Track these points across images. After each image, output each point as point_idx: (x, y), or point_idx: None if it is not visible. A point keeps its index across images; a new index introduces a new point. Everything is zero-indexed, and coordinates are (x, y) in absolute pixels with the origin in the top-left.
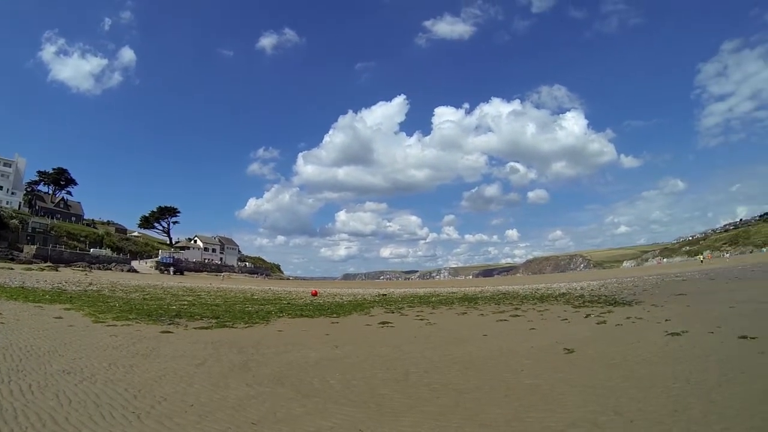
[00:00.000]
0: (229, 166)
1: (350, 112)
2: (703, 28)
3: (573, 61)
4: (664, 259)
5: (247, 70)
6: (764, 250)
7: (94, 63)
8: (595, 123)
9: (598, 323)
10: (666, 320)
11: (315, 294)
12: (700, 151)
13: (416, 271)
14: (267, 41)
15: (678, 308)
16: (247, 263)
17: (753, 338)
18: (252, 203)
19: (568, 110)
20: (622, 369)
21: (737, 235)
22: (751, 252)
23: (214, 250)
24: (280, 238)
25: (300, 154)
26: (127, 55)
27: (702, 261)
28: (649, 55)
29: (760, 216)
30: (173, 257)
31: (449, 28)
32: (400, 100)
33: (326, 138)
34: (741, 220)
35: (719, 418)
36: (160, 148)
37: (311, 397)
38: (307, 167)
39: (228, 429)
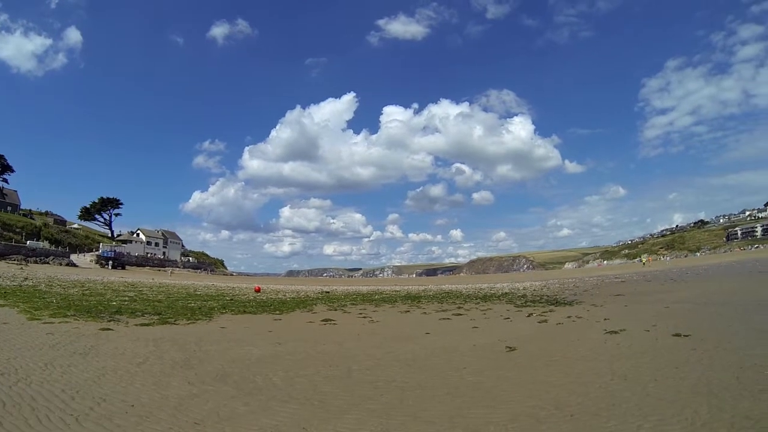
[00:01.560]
0: (174, 157)
1: (298, 107)
2: (649, 46)
3: (523, 67)
4: (605, 261)
5: (197, 59)
6: (698, 254)
7: (37, 42)
8: (542, 129)
9: (539, 322)
10: (605, 319)
11: (258, 290)
12: (641, 160)
13: (360, 269)
14: (219, 30)
15: (616, 308)
16: (190, 258)
17: (686, 336)
18: (197, 196)
19: (516, 115)
20: (563, 366)
21: (673, 240)
22: (685, 256)
23: (157, 244)
24: (224, 233)
25: (246, 148)
26: (74, 35)
27: (644, 263)
28: (597, 67)
29: (695, 223)
30: (115, 251)
31: (403, 28)
32: (349, 98)
33: (273, 133)
34: (677, 226)
35: (654, 410)
36: (104, 136)
37: (254, 395)
38: (252, 162)
39: (170, 429)
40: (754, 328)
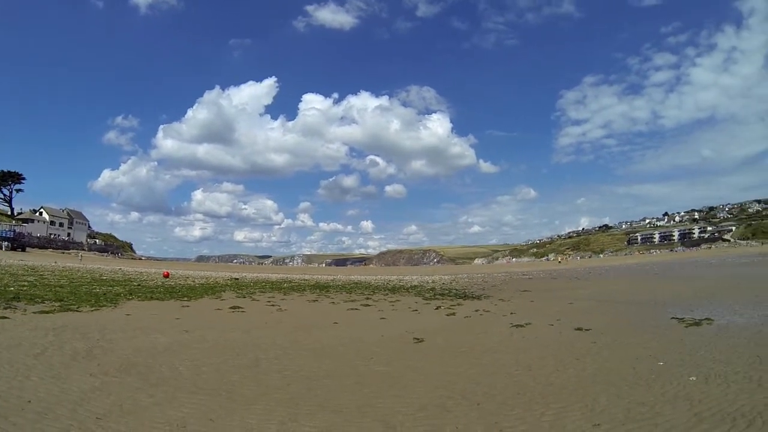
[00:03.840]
0: (83, 131)
1: (218, 88)
2: (570, 61)
3: (447, 67)
4: (513, 259)
5: (115, 26)
6: (601, 255)
7: None
8: (459, 128)
9: (447, 315)
10: (511, 313)
11: (167, 276)
12: (553, 165)
13: (270, 257)
14: None
15: (523, 303)
16: (97, 240)
17: (587, 330)
18: (106, 175)
19: (435, 112)
20: (470, 357)
21: (579, 242)
22: (590, 257)
23: (61, 225)
24: (134, 215)
25: (161, 127)
26: None
27: (560, 262)
28: (518, 74)
29: (599, 227)
30: (14, 231)
31: (331, 16)
32: (270, 82)
33: (189, 112)
34: (583, 229)
35: (556, 398)
36: (6, 103)
37: (160, 385)
38: (166, 141)
39: (70, 426)
40: (649, 323)
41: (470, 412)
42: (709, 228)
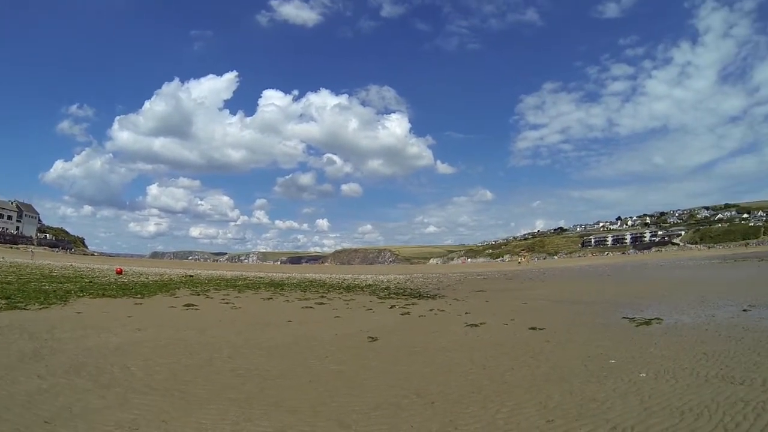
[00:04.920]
0: (35, 120)
1: (177, 80)
2: (531, 67)
3: (407, 67)
4: (469, 259)
5: (73, 12)
6: (556, 257)
7: None
8: (418, 128)
9: (402, 314)
10: (466, 313)
11: (120, 272)
12: (510, 168)
13: (225, 254)
14: None
15: (477, 303)
16: (47, 235)
17: (541, 329)
18: (59, 166)
19: (394, 112)
20: (424, 356)
21: (534, 244)
22: (545, 258)
23: (9, 218)
24: (87, 209)
25: (117, 118)
26: None
27: (520, 263)
28: (479, 78)
29: (554, 230)
30: None
31: (295, 11)
32: (230, 77)
33: (147, 104)
34: (538, 231)
35: (510, 396)
36: None
37: (111, 387)
38: (122, 133)
39: (16, 430)
40: (600, 322)
41: (425, 411)
42: (659, 232)
